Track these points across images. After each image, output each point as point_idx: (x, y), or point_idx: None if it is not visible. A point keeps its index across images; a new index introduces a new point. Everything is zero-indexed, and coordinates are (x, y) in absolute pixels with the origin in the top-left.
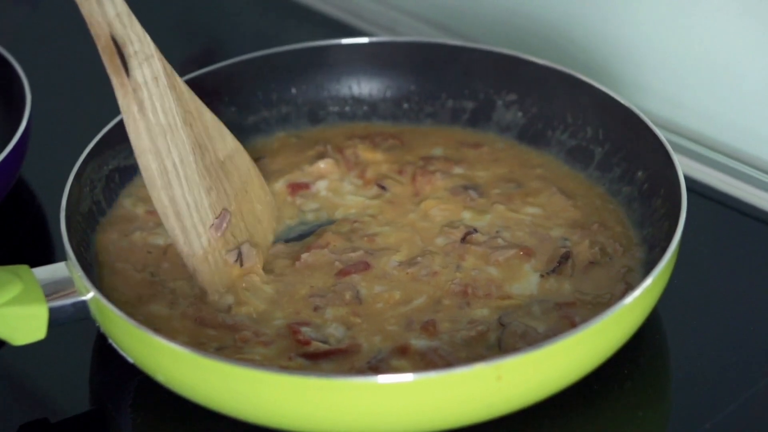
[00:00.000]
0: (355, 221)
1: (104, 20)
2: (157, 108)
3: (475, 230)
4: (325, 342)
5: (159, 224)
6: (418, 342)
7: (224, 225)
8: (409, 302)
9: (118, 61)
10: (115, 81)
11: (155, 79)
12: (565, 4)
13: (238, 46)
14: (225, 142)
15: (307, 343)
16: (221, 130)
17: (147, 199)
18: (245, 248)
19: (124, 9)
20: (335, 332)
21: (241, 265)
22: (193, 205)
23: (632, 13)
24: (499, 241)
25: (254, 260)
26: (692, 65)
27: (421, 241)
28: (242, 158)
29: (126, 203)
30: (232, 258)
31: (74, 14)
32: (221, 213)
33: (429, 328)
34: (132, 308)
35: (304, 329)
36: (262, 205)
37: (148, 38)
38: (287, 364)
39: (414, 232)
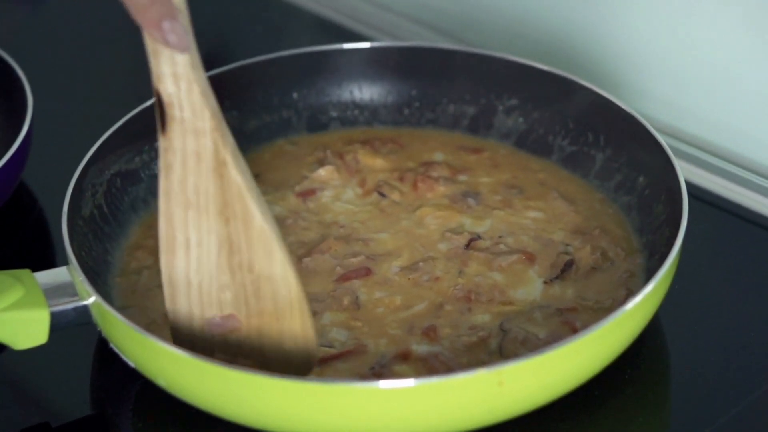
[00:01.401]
0: (355, 227)
1: (156, 73)
2: (188, 182)
3: (479, 236)
4: (330, 347)
5: None
6: (420, 347)
7: (228, 329)
8: (410, 307)
9: (157, 114)
10: (158, 127)
11: (197, 155)
12: (567, 9)
13: (239, 50)
14: (270, 261)
15: None
16: (272, 248)
17: None
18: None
19: (185, 74)
20: (338, 336)
21: (226, 355)
22: (195, 286)
23: (633, 19)
24: (502, 246)
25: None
26: (693, 70)
27: (423, 247)
28: (288, 289)
29: None
30: (217, 329)
31: (76, 17)
32: (229, 316)
33: (430, 333)
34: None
35: None
36: (295, 344)
37: (207, 114)
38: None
39: (414, 238)
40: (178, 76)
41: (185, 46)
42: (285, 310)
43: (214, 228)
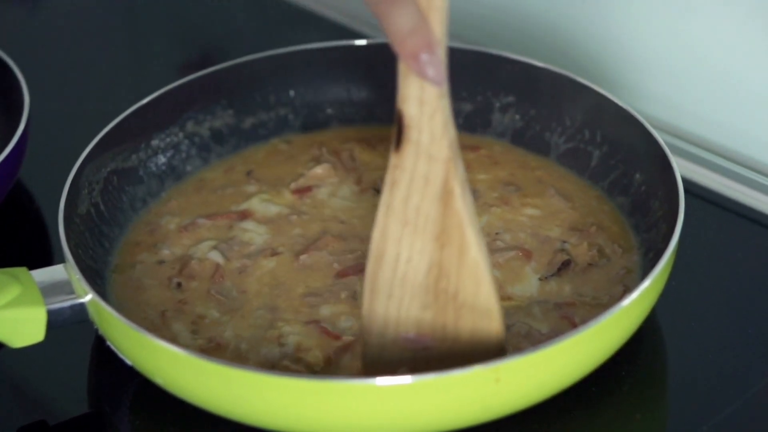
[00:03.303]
0: (352, 224)
1: (401, 94)
2: (411, 201)
3: None
4: (344, 334)
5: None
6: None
7: (419, 346)
8: None
9: (395, 131)
10: (393, 143)
11: (426, 179)
12: (564, 6)
13: (236, 48)
14: (477, 292)
15: (337, 337)
16: (479, 279)
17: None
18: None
19: (431, 100)
20: (347, 324)
21: (411, 371)
22: (396, 299)
23: (631, 16)
24: (499, 243)
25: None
26: (690, 68)
27: None
28: (490, 321)
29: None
30: (409, 344)
31: (73, 16)
32: (425, 335)
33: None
34: (154, 327)
35: (324, 324)
36: None
37: (445, 144)
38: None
39: None
40: (423, 101)
41: (441, 81)
42: (482, 342)
43: (427, 250)
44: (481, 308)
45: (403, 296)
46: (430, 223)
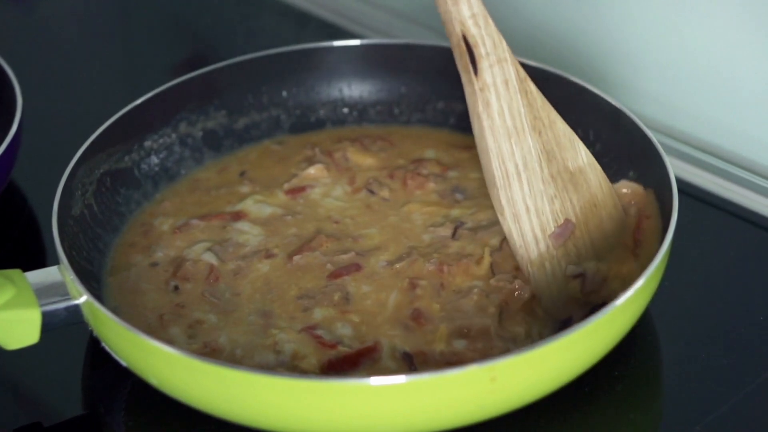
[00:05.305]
0: (345, 224)
1: (458, 19)
2: (504, 110)
3: (462, 223)
4: (340, 342)
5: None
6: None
7: (566, 235)
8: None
9: (467, 60)
10: (464, 78)
11: (505, 82)
12: (557, 6)
13: (229, 49)
14: (577, 153)
15: (333, 346)
16: (573, 141)
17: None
18: (591, 271)
19: (480, 10)
20: (343, 330)
21: (583, 288)
22: (533, 210)
23: (626, 16)
24: (484, 222)
25: (597, 285)
26: (685, 68)
27: (406, 239)
28: (594, 172)
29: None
30: (572, 271)
31: (66, 17)
32: (564, 222)
33: (419, 319)
34: (151, 330)
35: (319, 332)
36: (613, 224)
37: (504, 43)
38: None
39: (400, 232)
40: (476, 15)
41: None
42: (597, 191)
43: (532, 145)
44: (585, 165)
45: (536, 203)
46: (525, 118)
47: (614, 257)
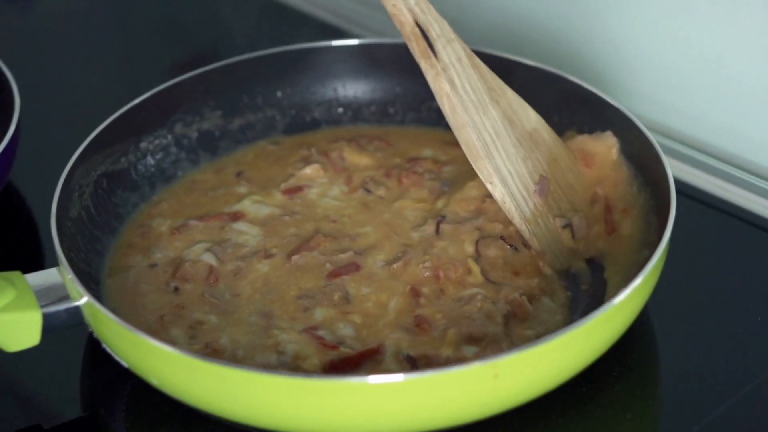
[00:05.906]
0: (343, 223)
1: (407, 8)
2: (465, 86)
3: (443, 217)
4: (342, 343)
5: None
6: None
7: (545, 190)
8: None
9: (425, 45)
10: (424, 64)
11: (459, 60)
12: (556, 6)
13: (224, 49)
14: (528, 116)
15: (335, 347)
16: (523, 105)
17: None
18: (576, 220)
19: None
20: (345, 331)
21: (573, 236)
22: (514, 173)
23: (624, 16)
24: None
25: (585, 231)
26: (683, 68)
27: (397, 235)
28: (546, 131)
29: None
30: (560, 223)
31: (63, 18)
32: (540, 179)
33: (422, 325)
34: (152, 331)
35: (320, 332)
36: (573, 174)
37: (446, 23)
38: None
39: (392, 229)
40: (420, 2)
41: None
42: (553, 148)
43: (495, 114)
44: (537, 124)
45: (514, 168)
46: (482, 90)
47: (584, 209)
